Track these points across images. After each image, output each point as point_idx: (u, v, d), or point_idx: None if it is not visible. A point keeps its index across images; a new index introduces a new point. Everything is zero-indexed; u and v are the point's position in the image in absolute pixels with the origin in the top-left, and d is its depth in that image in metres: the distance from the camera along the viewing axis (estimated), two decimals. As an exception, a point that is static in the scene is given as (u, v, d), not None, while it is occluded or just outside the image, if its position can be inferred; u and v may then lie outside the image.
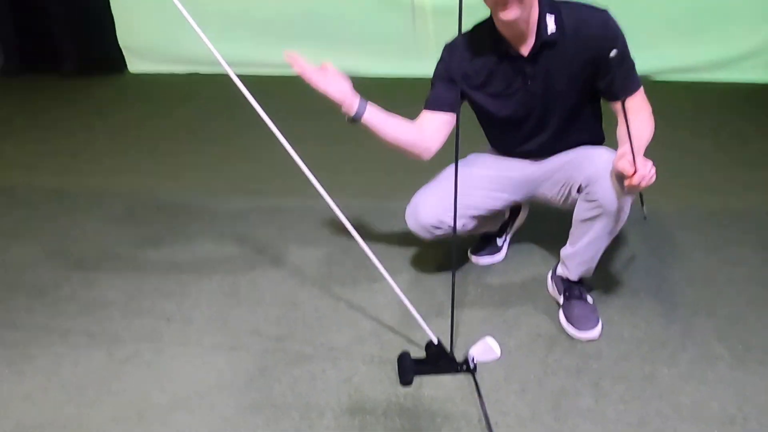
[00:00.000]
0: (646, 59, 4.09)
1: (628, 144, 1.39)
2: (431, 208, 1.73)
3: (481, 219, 1.85)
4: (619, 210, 1.56)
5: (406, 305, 1.55)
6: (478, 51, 1.65)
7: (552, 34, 1.56)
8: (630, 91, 1.59)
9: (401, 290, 1.55)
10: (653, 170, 1.41)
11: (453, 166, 1.77)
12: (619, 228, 1.63)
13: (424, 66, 4.25)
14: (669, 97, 3.72)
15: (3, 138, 3.35)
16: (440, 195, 1.73)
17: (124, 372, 1.63)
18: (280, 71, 4.44)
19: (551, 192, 1.78)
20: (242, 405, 1.51)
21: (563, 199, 1.74)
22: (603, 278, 1.96)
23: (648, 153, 1.50)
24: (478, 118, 1.84)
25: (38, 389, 1.58)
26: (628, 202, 1.57)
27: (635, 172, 1.39)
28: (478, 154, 1.90)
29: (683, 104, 3.64)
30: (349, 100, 1.58)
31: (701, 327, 1.74)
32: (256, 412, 1.48)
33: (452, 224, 1.69)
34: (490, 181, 1.80)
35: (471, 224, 1.83)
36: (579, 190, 1.63)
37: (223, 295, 1.94)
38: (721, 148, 3.01)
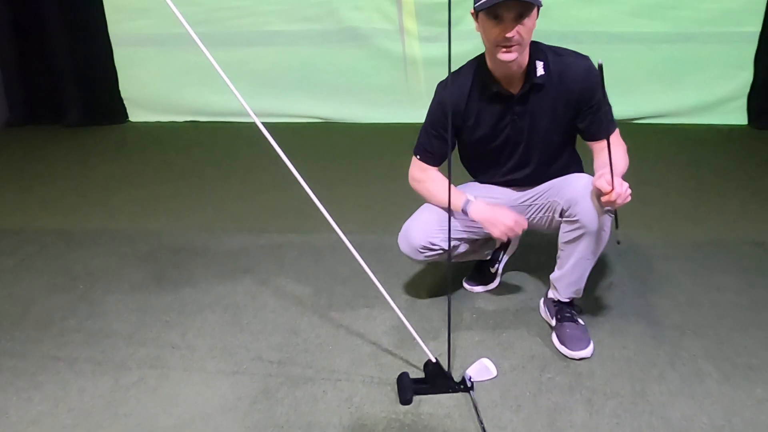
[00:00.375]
0: (628, 104, 4.35)
1: (607, 167, 1.51)
2: (421, 230, 1.83)
3: (472, 243, 1.94)
4: (600, 229, 1.66)
5: (405, 327, 1.62)
6: (470, 88, 1.78)
7: (540, 76, 1.71)
8: (608, 131, 1.70)
9: (399, 318, 1.61)
10: (629, 190, 1.53)
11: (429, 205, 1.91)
12: (601, 247, 1.72)
13: (416, 113, 4.43)
14: (651, 139, 3.88)
15: (8, 184, 3.44)
16: (429, 218, 1.84)
17: (129, 397, 1.67)
18: (278, 120, 4.62)
19: (536, 218, 1.88)
20: (246, 426, 1.54)
21: (548, 223, 1.84)
22: (592, 303, 2.04)
23: (632, 189, 1.61)
24: (462, 155, 1.96)
25: (46, 415, 1.61)
26: (607, 221, 1.67)
27: (612, 189, 1.50)
28: (465, 184, 2.01)
29: (665, 145, 3.80)
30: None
31: (689, 347, 1.81)
32: None
33: (442, 246, 1.80)
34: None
35: (462, 247, 1.92)
36: (561, 214, 1.74)
37: (226, 325, 1.99)
38: (701, 185, 3.13)
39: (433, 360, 1.63)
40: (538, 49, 1.72)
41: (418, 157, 1.92)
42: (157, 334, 1.95)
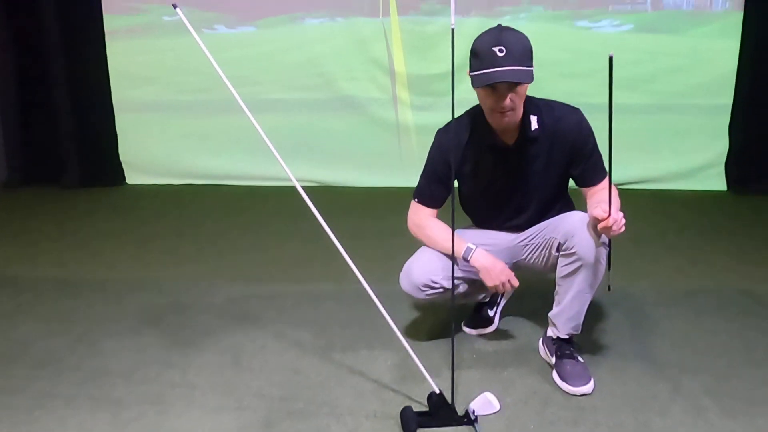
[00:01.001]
0: (613, 171, 4.51)
1: (602, 204, 1.60)
2: (423, 269, 1.88)
3: (471, 284, 1.99)
4: (597, 261, 1.73)
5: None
6: (468, 137, 1.89)
7: (535, 130, 1.83)
8: (600, 178, 1.82)
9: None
10: (623, 220, 1.61)
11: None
12: (598, 281, 1.77)
13: (408, 178, 4.56)
14: (636, 203, 4.00)
15: (4, 239, 3.45)
16: (430, 257, 1.91)
17: (129, 431, 1.64)
18: (274, 183, 4.72)
19: (533, 257, 1.94)
20: (249, 457, 1.52)
21: (545, 261, 1.90)
22: (590, 345, 2.07)
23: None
24: (461, 200, 2.05)
25: (42, 448, 1.57)
26: (603, 253, 1.73)
27: (609, 216, 1.58)
28: (462, 229, 2.08)
29: (650, 209, 3.93)
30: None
31: (688, 384, 1.83)
32: (263, 462, 1.50)
33: (443, 284, 1.85)
34: (479, 244, 1.96)
35: (462, 287, 1.96)
36: (558, 249, 1.80)
37: (226, 365, 1.98)
38: (688, 242, 3.23)
39: (437, 392, 1.64)
40: (532, 104, 1.84)
41: (417, 200, 2.00)
42: (157, 373, 1.94)
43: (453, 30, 1.56)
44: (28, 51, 4.73)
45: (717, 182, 4.46)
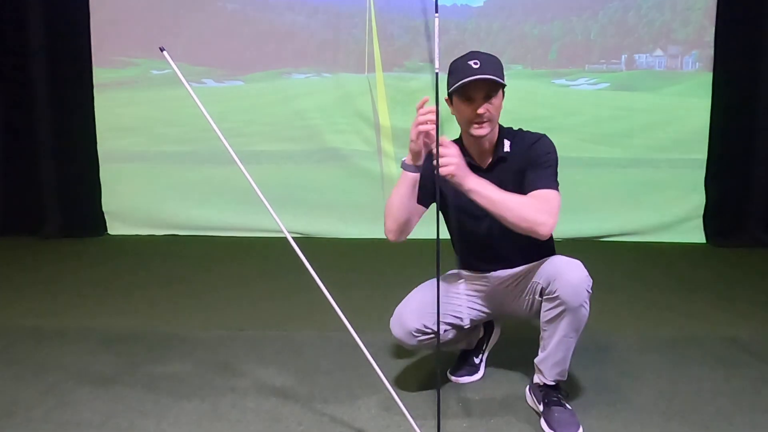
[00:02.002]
0: (591, 222, 4.59)
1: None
2: (415, 314, 1.86)
3: (460, 330, 1.97)
4: (580, 305, 1.72)
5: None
6: None
7: (506, 152, 1.88)
8: (536, 186, 1.79)
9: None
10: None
11: (428, 282, 1.98)
12: (583, 324, 1.76)
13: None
14: (615, 255, 4.06)
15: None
16: (422, 302, 1.88)
17: (98, 483, 1.55)
18: (259, 234, 4.70)
19: (518, 303, 1.93)
20: None
21: (529, 307, 1.89)
22: (578, 392, 2.04)
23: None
24: (450, 235, 2.05)
25: (3, 501, 1.48)
26: (586, 296, 1.73)
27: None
28: (451, 272, 2.08)
29: (630, 261, 3.96)
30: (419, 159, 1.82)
31: (677, 430, 1.80)
32: None
33: (432, 329, 1.82)
34: (465, 290, 1.98)
35: (451, 333, 1.94)
36: (541, 294, 1.80)
37: (203, 414, 1.91)
38: (669, 292, 3.25)
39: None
40: (507, 132, 1.93)
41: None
42: (131, 422, 1.86)
43: (437, 74, 1.62)
44: (15, 100, 4.75)
45: (696, 235, 4.53)
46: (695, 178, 4.52)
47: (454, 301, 1.96)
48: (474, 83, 1.75)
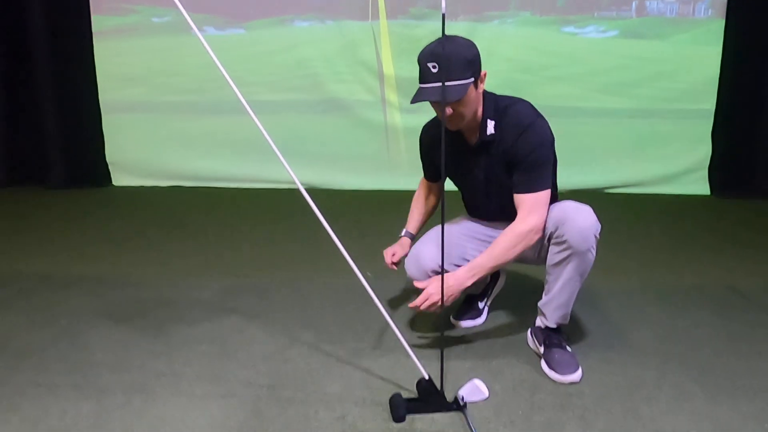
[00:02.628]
0: (596, 174, 4.58)
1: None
2: (432, 254, 1.88)
3: None
4: (587, 250, 1.74)
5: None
6: (446, 136, 1.89)
7: (490, 134, 1.84)
8: (524, 189, 1.79)
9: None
10: (435, 298, 1.76)
11: (445, 225, 2.00)
12: (588, 268, 1.79)
13: (396, 180, 4.59)
14: (619, 207, 4.05)
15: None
16: (439, 243, 1.89)
17: (114, 418, 1.61)
18: (261, 185, 4.71)
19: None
20: (236, 442, 1.50)
21: (537, 251, 1.91)
22: (579, 336, 2.08)
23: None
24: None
25: (24, 434, 1.55)
26: (594, 241, 1.74)
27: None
28: (462, 217, 2.10)
29: (634, 212, 3.96)
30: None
31: (674, 372, 1.84)
32: (251, 447, 1.48)
33: (445, 270, 1.86)
34: (476, 233, 2.02)
35: None
36: (549, 238, 1.81)
37: (213, 355, 1.97)
38: (672, 242, 3.27)
39: (426, 377, 1.63)
40: (491, 108, 1.83)
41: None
42: (142, 362, 1.91)
43: (444, 15, 1.58)
44: (14, 52, 4.69)
45: (700, 186, 4.52)
46: (702, 129, 4.47)
47: (465, 244, 2.00)
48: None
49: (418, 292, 1.85)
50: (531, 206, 1.78)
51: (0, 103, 4.78)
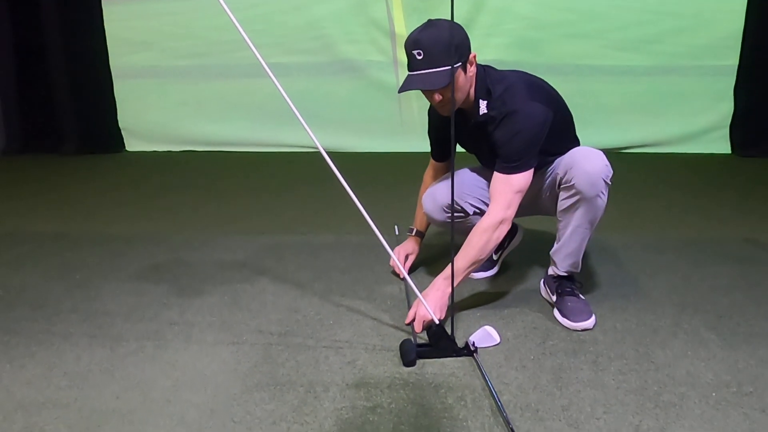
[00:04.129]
0: (614, 134, 4.49)
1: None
2: (447, 191, 1.84)
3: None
4: (596, 195, 1.70)
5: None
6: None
7: (483, 115, 1.78)
8: (499, 168, 1.74)
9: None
10: (423, 319, 1.71)
11: (459, 171, 1.98)
12: (598, 215, 1.75)
13: (409, 143, 4.54)
14: (638, 167, 3.98)
15: (2, 200, 3.43)
16: (458, 182, 1.91)
17: (127, 363, 1.63)
18: (273, 149, 4.70)
19: (540, 197, 1.91)
20: (247, 385, 1.51)
21: (550, 200, 1.86)
22: (592, 285, 2.05)
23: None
24: None
25: (40, 377, 1.57)
26: (604, 187, 1.70)
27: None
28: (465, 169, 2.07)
29: (652, 172, 3.89)
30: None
31: (689, 320, 1.81)
32: (262, 389, 1.49)
33: (467, 209, 1.94)
34: (487, 177, 1.97)
35: (476, 219, 1.96)
36: (560, 185, 1.77)
37: (225, 305, 1.97)
38: (691, 198, 3.21)
39: (437, 321, 1.62)
40: (483, 89, 1.76)
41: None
42: (155, 313, 1.93)
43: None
44: (24, 19, 4.68)
45: (721, 145, 4.42)
46: (724, 86, 4.35)
47: (483, 185, 1.97)
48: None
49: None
50: (500, 191, 1.72)
51: (12, 71, 4.80)
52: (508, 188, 1.72)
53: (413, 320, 1.73)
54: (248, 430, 1.33)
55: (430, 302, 1.69)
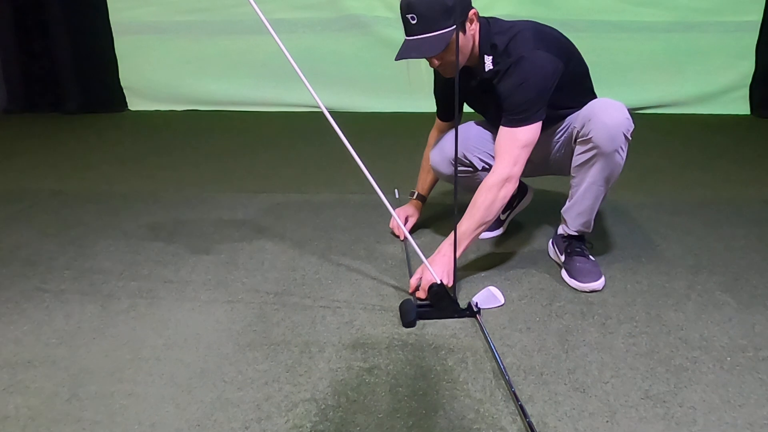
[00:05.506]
0: (629, 94, 4.32)
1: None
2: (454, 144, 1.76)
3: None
4: (615, 151, 1.60)
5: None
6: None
7: (489, 71, 1.67)
8: (504, 122, 1.63)
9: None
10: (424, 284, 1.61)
11: (467, 124, 1.89)
12: (616, 173, 1.65)
13: (417, 103, 4.41)
14: (654, 127, 3.84)
15: (2, 162, 3.37)
16: (467, 134, 1.88)
17: (118, 321, 1.58)
18: (278, 108, 4.59)
19: (555, 153, 1.81)
20: (240, 344, 1.46)
21: (566, 157, 1.76)
22: (603, 246, 1.97)
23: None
24: None
25: (29, 334, 1.52)
26: (623, 142, 1.60)
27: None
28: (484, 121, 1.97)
29: (669, 132, 3.75)
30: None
31: (704, 282, 1.73)
32: (255, 349, 1.44)
33: (475, 163, 1.86)
34: (495, 132, 1.88)
35: (485, 174, 1.87)
36: (576, 139, 1.67)
37: (221, 264, 1.91)
38: (707, 159, 3.09)
39: (438, 282, 1.55)
40: (488, 43, 1.65)
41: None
42: (150, 271, 1.87)
43: None
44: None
45: (740, 106, 4.26)
46: (745, 44, 4.16)
47: (492, 140, 1.87)
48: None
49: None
50: (505, 147, 1.62)
51: (11, 30, 4.68)
52: (514, 143, 1.62)
53: (417, 288, 1.65)
54: (239, 390, 1.28)
55: (436, 268, 1.61)
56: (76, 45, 4.65)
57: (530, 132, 1.61)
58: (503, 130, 1.64)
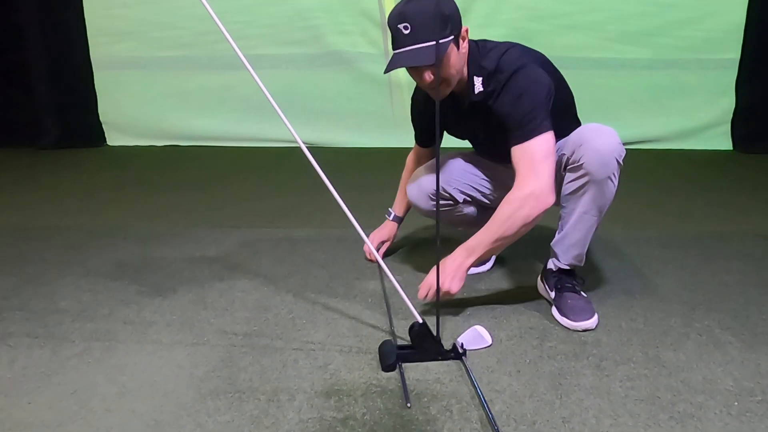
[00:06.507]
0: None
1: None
2: (434, 177, 1.66)
3: (479, 207, 1.88)
4: (607, 177, 1.52)
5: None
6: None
7: (479, 93, 1.60)
8: (515, 140, 1.54)
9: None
10: (451, 286, 1.55)
11: (444, 156, 1.82)
12: (608, 201, 1.56)
13: (401, 138, 4.36)
14: (638, 163, 3.79)
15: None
16: (444, 167, 1.82)
17: (68, 367, 1.44)
18: (261, 144, 4.50)
19: None
20: (201, 392, 1.32)
21: (557, 185, 1.67)
22: (595, 282, 1.88)
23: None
24: None
25: (-34, 383, 1.37)
26: (616, 169, 1.52)
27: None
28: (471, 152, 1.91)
29: (654, 168, 3.71)
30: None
31: (702, 319, 1.63)
32: (218, 397, 1.30)
33: (454, 196, 1.80)
34: (478, 164, 1.85)
35: (469, 208, 1.86)
36: (566, 166, 1.59)
37: (188, 303, 1.78)
38: (695, 193, 3.05)
39: (420, 321, 1.43)
40: (476, 64, 1.59)
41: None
42: (110, 310, 1.73)
43: None
44: (1, 7, 4.48)
45: (722, 141, 4.26)
46: (726, 81, 4.20)
47: (475, 172, 1.82)
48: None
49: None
50: (522, 164, 1.52)
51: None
52: (530, 156, 1.51)
53: (426, 295, 1.57)
54: (196, 446, 1.14)
55: (444, 270, 1.51)
56: (55, 79, 4.57)
57: (544, 142, 1.51)
58: (515, 150, 1.54)
